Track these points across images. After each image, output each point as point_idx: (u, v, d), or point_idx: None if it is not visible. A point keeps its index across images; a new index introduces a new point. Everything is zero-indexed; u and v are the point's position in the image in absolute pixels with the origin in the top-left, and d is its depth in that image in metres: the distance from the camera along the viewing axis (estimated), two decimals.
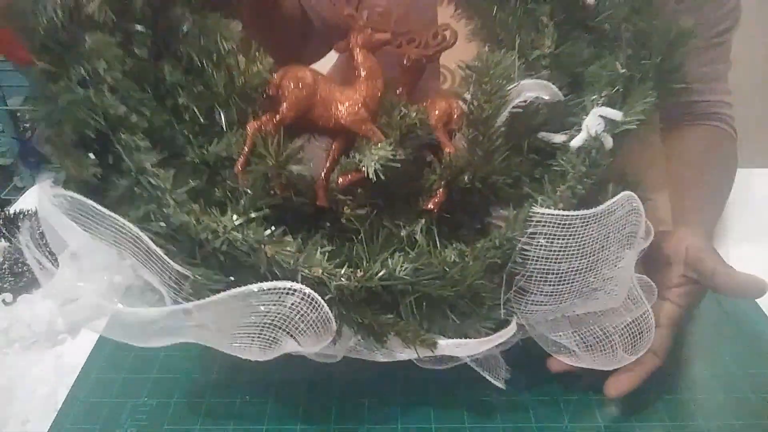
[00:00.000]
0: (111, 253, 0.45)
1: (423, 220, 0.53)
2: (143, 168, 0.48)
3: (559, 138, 0.55)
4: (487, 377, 0.54)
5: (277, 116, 0.50)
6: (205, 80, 0.54)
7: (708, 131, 0.78)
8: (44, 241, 0.50)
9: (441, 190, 0.52)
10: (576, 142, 0.52)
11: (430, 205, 0.52)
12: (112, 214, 0.44)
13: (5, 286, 0.75)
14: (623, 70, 0.55)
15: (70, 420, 0.60)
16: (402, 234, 0.53)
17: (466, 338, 0.51)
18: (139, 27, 0.52)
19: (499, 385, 0.54)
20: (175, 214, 0.46)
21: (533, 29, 0.60)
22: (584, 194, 0.51)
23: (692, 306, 0.61)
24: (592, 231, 0.48)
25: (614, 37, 0.56)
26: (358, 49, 0.53)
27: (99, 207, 0.44)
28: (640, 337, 0.56)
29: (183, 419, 0.59)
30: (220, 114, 0.53)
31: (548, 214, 0.48)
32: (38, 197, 0.46)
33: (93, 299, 0.46)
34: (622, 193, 0.50)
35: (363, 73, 0.52)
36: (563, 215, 0.48)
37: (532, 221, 0.49)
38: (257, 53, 0.52)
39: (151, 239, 0.46)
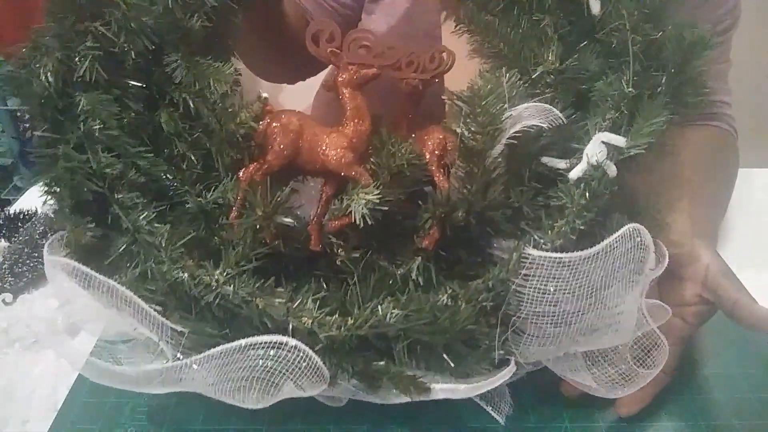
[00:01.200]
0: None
1: (419, 258, 0.53)
2: (140, 226, 0.49)
3: (563, 164, 0.52)
4: (488, 410, 0.53)
5: (264, 165, 0.50)
6: (201, 126, 0.55)
7: (708, 131, 0.76)
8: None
9: (435, 228, 0.51)
10: (575, 172, 0.50)
11: (425, 244, 0.51)
12: (107, 280, 0.46)
13: (5, 286, 0.75)
14: (629, 90, 0.51)
15: (70, 420, 0.60)
16: (398, 273, 0.53)
17: (466, 376, 0.51)
18: (132, 82, 0.54)
19: (500, 419, 0.53)
20: (169, 271, 0.48)
21: (537, 43, 0.57)
22: (584, 229, 0.49)
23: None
24: (592, 271, 0.46)
25: (621, 51, 0.52)
26: (343, 89, 0.51)
27: (94, 274, 0.46)
28: (653, 364, 0.53)
29: (183, 419, 0.60)
30: (217, 159, 0.54)
31: (541, 257, 0.46)
32: (45, 260, 0.48)
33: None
34: (626, 227, 0.47)
35: (349, 113, 0.51)
36: (557, 258, 0.46)
37: (525, 263, 0.47)
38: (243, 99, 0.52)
39: (148, 297, 0.47)
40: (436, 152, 0.53)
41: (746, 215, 0.83)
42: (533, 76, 0.56)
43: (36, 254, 0.76)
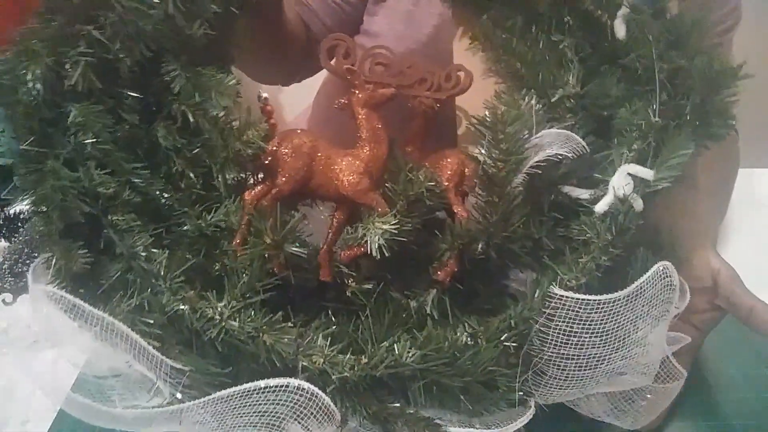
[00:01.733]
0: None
1: (434, 291, 0.50)
2: (136, 252, 0.45)
3: (586, 194, 0.50)
4: None
5: (274, 190, 0.47)
6: (202, 142, 0.51)
7: None
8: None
9: (452, 260, 0.49)
10: (601, 206, 0.47)
11: (441, 277, 0.49)
12: (101, 313, 0.42)
13: (5, 286, 0.75)
14: (656, 120, 0.49)
15: (70, 420, 0.58)
16: (412, 305, 0.50)
17: (481, 415, 0.48)
18: (128, 92, 0.49)
19: None
20: (168, 303, 0.44)
21: (556, 65, 0.55)
22: (610, 265, 0.47)
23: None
24: (620, 313, 0.44)
25: (647, 78, 0.50)
26: (359, 109, 0.48)
27: (86, 306, 0.42)
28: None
29: None
30: (218, 178, 0.51)
31: (568, 297, 0.44)
32: (30, 289, 0.44)
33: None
34: (656, 267, 0.45)
35: (365, 136, 0.48)
36: (584, 300, 0.43)
37: (551, 302, 0.45)
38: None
39: (146, 330, 0.44)
40: (454, 179, 0.50)
41: (746, 215, 0.82)
42: (552, 100, 0.54)
43: (36, 254, 0.73)
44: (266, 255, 0.46)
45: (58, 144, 0.46)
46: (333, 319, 0.49)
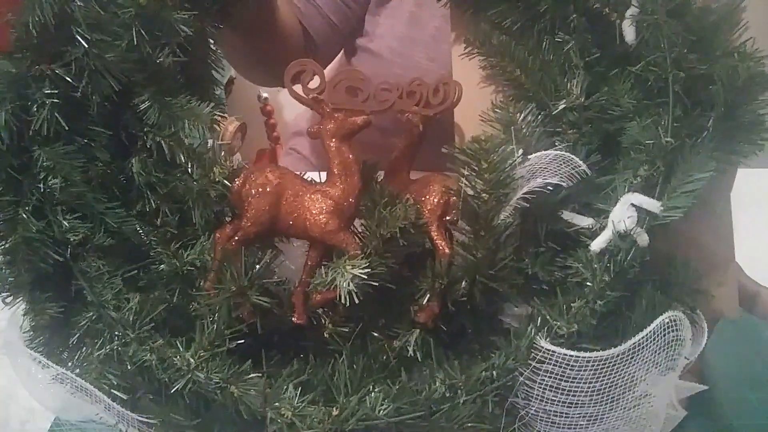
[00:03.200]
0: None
1: (416, 331, 0.46)
2: (105, 300, 0.45)
3: (588, 222, 0.45)
4: None
5: (239, 232, 0.44)
6: (177, 176, 0.49)
7: None
8: None
9: (433, 302, 0.45)
10: (597, 243, 0.42)
11: (422, 319, 0.45)
12: (68, 373, 0.42)
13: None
14: (668, 140, 0.42)
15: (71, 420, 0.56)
16: (394, 345, 0.47)
17: None
18: (98, 129, 0.48)
19: None
20: (135, 354, 0.43)
21: (559, 71, 0.49)
22: (607, 311, 0.42)
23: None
24: (615, 371, 0.39)
25: (659, 90, 0.44)
26: (329, 141, 0.45)
27: (51, 365, 0.42)
28: None
29: None
30: (194, 212, 0.49)
31: (554, 352, 0.39)
32: (5, 342, 0.45)
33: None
34: (662, 319, 0.40)
35: (336, 170, 0.44)
36: (573, 356, 0.39)
37: (537, 354, 0.40)
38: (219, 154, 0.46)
39: (113, 383, 0.43)
40: (438, 210, 0.46)
41: (746, 215, 0.76)
42: (554, 112, 0.48)
43: None
44: (232, 302, 0.44)
45: (26, 191, 0.46)
46: (309, 360, 0.47)
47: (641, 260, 0.42)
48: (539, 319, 0.42)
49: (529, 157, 0.44)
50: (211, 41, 0.56)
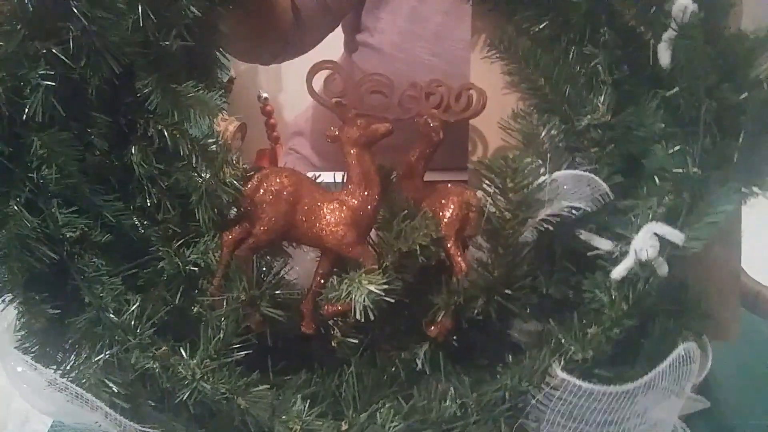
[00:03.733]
0: None
1: (426, 344, 0.46)
2: (104, 302, 0.42)
3: (608, 245, 0.44)
4: None
5: (250, 239, 0.42)
6: (180, 168, 0.46)
7: None
8: None
9: (446, 317, 0.44)
10: (619, 271, 0.42)
11: (433, 333, 0.45)
12: (65, 382, 0.40)
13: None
14: (695, 170, 0.42)
15: None
16: (402, 357, 0.46)
17: None
18: (96, 114, 0.44)
19: None
20: (138, 361, 0.41)
21: (586, 84, 0.47)
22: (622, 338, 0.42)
23: None
24: (629, 404, 0.39)
25: (690, 119, 0.43)
26: (349, 148, 0.42)
27: (48, 373, 0.40)
28: None
29: None
30: (198, 210, 0.46)
31: (569, 382, 0.39)
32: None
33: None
34: (678, 351, 0.40)
35: (355, 179, 0.43)
36: (589, 389, 0.39)
37: (551, 381, 0.40)
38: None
39: (113, 391, 0.41)
40: (455, 224, 0.45)
41: (746, 215, 0.78)
42: (577, 128, 0.47)
43: None
44: (241, 312, 0.42)
45: (19, 183, 0.42)
46: (315, 369, 0.46)
47: (658, 289, 0.42)
48: (553, 341, 0.42)
49: (553, 175, 0.43)
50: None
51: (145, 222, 0.46)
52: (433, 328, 0.45)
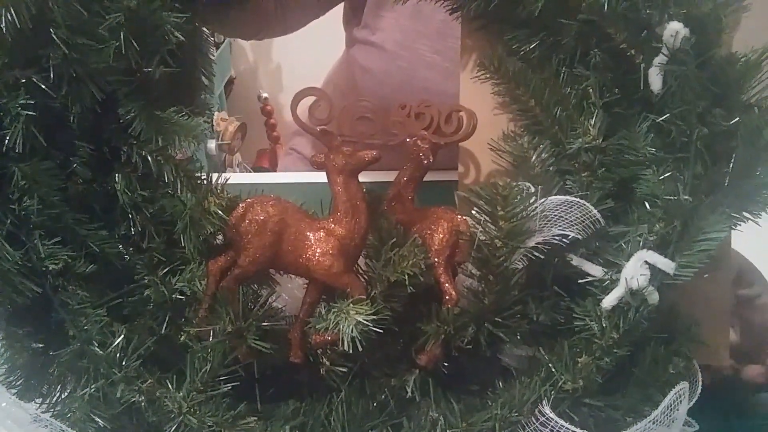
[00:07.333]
0: None
1: (416, 371, 0.46)
2: (88, 336, 0.42)
3: (599, 272, 0.44)
4: None
5: (236, 270, 0.42)
6: (164, 195, 0.46)
7: None
8: None
9: (436, 346, 0.44)
10: (610, 300, 0.41)
11: (423, 361, 0.44)
12: (52, 420, 0.39)
13: None
14: (686, 198, 0.41)
15: None
16: (393, 384, 0.46)
17: None
18: (78, 142, 0.44)
19: None
20: (123, 395, 0.41)
21: (577, 107, 0.47)
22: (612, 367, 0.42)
23: None
24: None
25: (682, 145, 0.42)
26: (335, 177, 0.42)
27: (32, 413, 0.39)
28: None
29: None
30: (183, 238, 0.46)
31: (558, 424, 0.39)
32: None
33: None
34: (675, 391, 0.40)
35: (342, 208, 0.42)
36: None
37: (540, 417, 0.40)
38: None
39: (101, 424, 0.41)
40: (445, 251, 0.44)
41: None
42: (568, 150, 0.46)
43: None
44: (228, 344, 0.42)
45: (0, 214, 0.41)
46: (304, 397, 0.45)
47: (649, 317, 0.42)
48: (543, 370, 0.42)
49: (543, 201, 0.43)
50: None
51: (130, 250, 0.45)
52: (422, 356, 0.44)
